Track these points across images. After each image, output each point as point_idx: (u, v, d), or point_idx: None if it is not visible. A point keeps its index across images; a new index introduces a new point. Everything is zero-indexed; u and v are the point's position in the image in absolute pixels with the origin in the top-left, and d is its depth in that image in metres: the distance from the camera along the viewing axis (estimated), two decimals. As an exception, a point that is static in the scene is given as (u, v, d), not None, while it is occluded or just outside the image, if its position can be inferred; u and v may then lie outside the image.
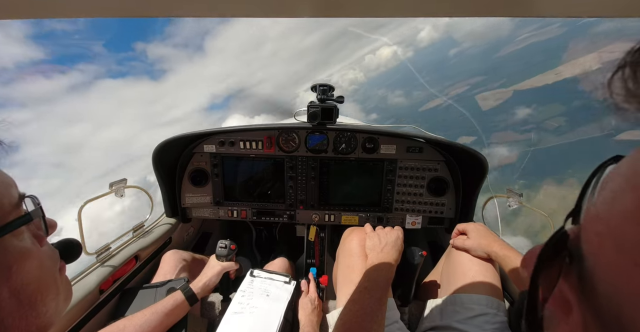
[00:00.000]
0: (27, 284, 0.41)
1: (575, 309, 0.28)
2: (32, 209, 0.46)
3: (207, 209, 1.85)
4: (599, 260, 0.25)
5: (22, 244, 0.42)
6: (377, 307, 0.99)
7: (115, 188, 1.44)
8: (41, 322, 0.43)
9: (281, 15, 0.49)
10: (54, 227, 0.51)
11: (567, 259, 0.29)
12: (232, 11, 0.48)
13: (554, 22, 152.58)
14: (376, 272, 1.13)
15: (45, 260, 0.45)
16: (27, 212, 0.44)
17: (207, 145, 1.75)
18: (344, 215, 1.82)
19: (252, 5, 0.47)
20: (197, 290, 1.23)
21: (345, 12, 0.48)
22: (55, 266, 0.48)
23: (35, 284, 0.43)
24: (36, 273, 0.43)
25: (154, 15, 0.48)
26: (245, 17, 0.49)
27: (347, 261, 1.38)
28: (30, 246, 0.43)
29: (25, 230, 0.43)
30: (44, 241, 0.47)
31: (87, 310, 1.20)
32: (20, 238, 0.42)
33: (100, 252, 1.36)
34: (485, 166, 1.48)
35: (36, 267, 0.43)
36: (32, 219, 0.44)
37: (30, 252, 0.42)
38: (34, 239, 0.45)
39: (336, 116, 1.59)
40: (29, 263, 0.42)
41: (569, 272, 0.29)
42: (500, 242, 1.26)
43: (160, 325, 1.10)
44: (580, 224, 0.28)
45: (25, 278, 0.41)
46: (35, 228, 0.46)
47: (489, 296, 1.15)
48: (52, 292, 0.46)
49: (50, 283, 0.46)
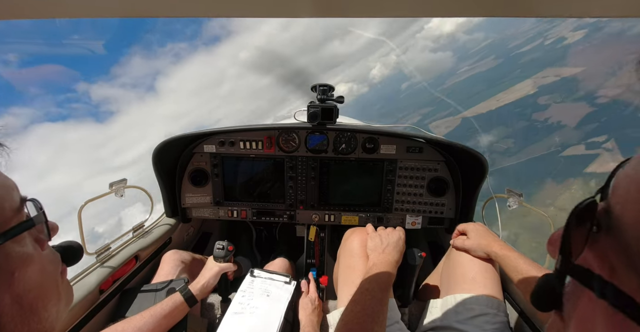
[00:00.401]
0: (29, 290, 0.41)
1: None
2: (34, 213, 0.45)
3: (207, 209, 1.85)
4: (627, 212, 0.27)
5: (24, 249, 0.41)
6: (379, 308, 0.99)
7: (115, 188, 1.44)
8: (43, 327, 0.43)
9: (281, 15, 0.49)
10: (55, 230, 0.50)
11: (595, 228, 0.31)
12: (232, 11, 0.48)
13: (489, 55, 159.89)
14: (378, 273, 1.13)
15: (47, 265, 0.45)
16: (29, 218, 0.44)
17: (207, 146, 1.75)
18: (344, 215, 1.81)
19: (252, 5, 0.47)
20: (196, 292, 1.23)
21: (345, 12, 0.48)
22: (57, 270, 0.48)
23: (37, 289, 0.42)
24: (38, 278, 0.42)
25: (155, 15, 0.48)
26: (245, 17, 0.49)
27: (348, 261, 1.38)
28: (32, 251, 0.42)
29: (27, 235, 0.43)
30: (46, 244, 0.47)
31: (87, 310, 1.20)
32: (22, 244, 0.41)
33: (100, 252, 1.36)
34: (485, 166, 1.48)
35: (38, 273, 0.42)
36: (34, 225, 0.44)
37: (32, 257, 0.42)
38: (36, 243, 0.44)
39: (336, 116, 1.59)
40: (31, 269, 0.41)
41: (596, 241, 0.31)
42: (500, 243, 1.26)
43: (159, 327, 1.10)
44: (608, 196, 0.31)
45: (27, 284, 0.41)
46: (37, 232, 0.46)
47: (489, 296, 1.15)
48: (53, 298, 0.45)
49: (52, 288, 0.45)
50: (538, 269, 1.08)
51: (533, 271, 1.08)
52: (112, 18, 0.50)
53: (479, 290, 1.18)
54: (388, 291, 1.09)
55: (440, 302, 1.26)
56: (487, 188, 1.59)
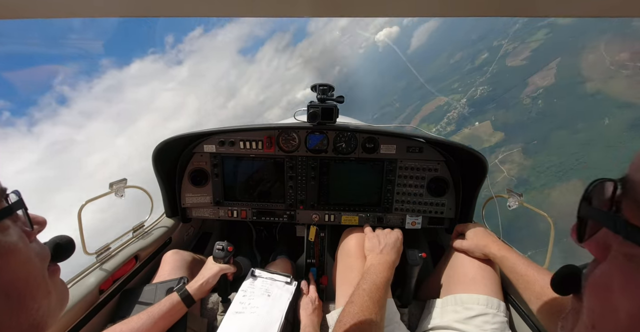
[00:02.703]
0: (15, 279, 0.41)
1: (616, 245, 0.35)
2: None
3: (207, 209, 1.85)
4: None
5: (7, 239, 0.41)
6: (376, 309, 0.99)
7: (115, 188, 1.43)
8: (33, 319, 0.43)
9: (281, 15, 0.49)
10: (42, 223, 0.50)
11: (614, 208, 0.37)
12: (232, 11, 0.48)
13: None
14: (375, 274, 1.13)
15: (32, 257, 0.45)
16: (7, 206, 0.43)
17: (207, 145, 1.75)
18: (344, 215, 1.81)
19: (252, 5, 0.47)
20: (193, 291, 1.22)
21: (345, 12, 0.48)
22: (44, 263, 0.48)
23: (23, 280, 0.42)
24: (23, 269, 0.42)
25: (155, 15, 0.48)
26: (246, 17, 0.49)
27: (346, 261, 1.38)
28: (16, 241, 0.42)
29: (11, 225, 0.43)
30: (33, 237, 0.47)
31: (87, 310, 1.20)
32: (5, 233, 0.41)
33: (100, 252, 1.36)
34: (485, 166, 1.48)
35: (23, 263, 0.42)
36: (12, 211, 0.44)
37: (17, 247, 0.42)
38: (24, 235, 0.44)
39: (336, 116, 1.58)
40: (16, 259, 0.41)
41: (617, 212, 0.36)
42: (498, 243, 1.26)
43: (156, 328, 1.10)
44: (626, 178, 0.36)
45: (12, 274, 0.41)
46: (23, 224, 0.46)
47: (488, 296, 1.15)
48: (41, 289, 0.45)
49: (39, 280, 0.45)
50: (537, 270, 1.08)
51: (531, 272, 1.08)
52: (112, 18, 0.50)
53: (479, 290, 1.18)
54: (385, 291, 1.09)
55: (440, 302, 1.26)
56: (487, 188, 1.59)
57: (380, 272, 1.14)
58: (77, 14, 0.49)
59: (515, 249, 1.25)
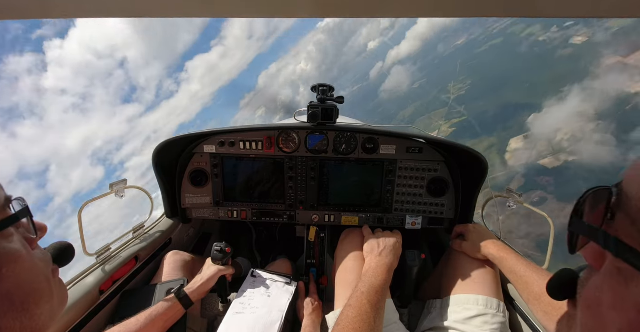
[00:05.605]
0: (19, 286, 0.41)
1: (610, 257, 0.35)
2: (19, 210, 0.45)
3: (207, 210, 1.85)
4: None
5: (12, 246, 0.41)
6: (374, 312, 0.99)
7: (115, 189, 1.43)
8: (36, 325, 0.43)
9: (281, 15, 0.49)
10: (44, 230, 0.50)
11: (609, 215, 0.36)
12: (231, 11, 0.48)
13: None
14: (373, 276, 1.13)
15: (37, 263, 0.45)
16: (14, 214, 0.44)
17: (207, 146, 1.74)
18: (344, 215, 1.81)
19: (252, 5, 0.47)
20: (191, 293, 1.22)
21: (345, 12, 0.48)
22: (47, 268, 0.48)
23: (27, 286, 0.42)
24: (28, 276, 0.43)
25: (154, 15, 0.48)
26: (245, 18, 0.49)
27: (345, 263, 1.38)
28: (21, 249, 0.42)
29: (15, 232, 0.43)
30: (35, 244, 0.47)
31: (87, 311, 1.20)
32: (10, 240, 0.41)
33: (101, 253, 1.36)
34: (485, 166, 1.48)
35: (28, 270, 0.43)
36: (18, 219, 0.44)
37: (21, 254, 0.42)
38: (25, 242, 0.44)
39: (336, 116, 1.59)
40: (20, 266, 0.42)
41: (609, 227, 0.36)
42: (497, 244, 1.26)
43: (156, 330, 1.10)
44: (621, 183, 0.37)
45: (17, 281, 0.41)
46: (26, 231, 0.46)
47: (488, 297, 1.15)
48: (45, 295, 0.45)
49: (43, 286, 0.46)
50: (535, 271, 1.08)
51: (530, 273, 1.08)
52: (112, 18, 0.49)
53: (478, 290, 1.18)
54: (384, 293, 1.09)
55: (440, 303, 1.26)
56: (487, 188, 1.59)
57: (378, 275, 1.14)
58: (77, 14, 0.49)
59: (515, 250, 1.25)
